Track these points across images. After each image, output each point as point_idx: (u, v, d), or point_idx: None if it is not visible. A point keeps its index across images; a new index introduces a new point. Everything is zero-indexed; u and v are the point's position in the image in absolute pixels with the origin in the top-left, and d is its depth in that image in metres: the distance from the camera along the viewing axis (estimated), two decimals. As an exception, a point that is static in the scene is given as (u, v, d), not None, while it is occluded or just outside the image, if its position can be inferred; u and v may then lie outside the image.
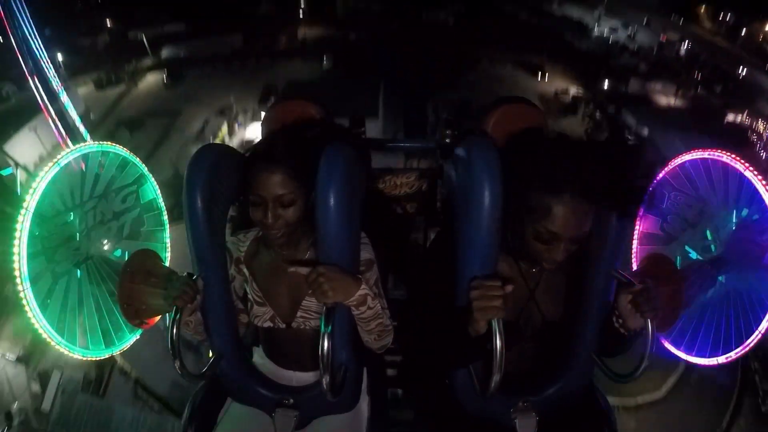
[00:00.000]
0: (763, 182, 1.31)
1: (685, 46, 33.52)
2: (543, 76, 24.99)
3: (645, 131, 23.22)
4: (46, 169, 1.28)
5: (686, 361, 1.51)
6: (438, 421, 1.34)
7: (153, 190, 1.64)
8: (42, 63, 13.01)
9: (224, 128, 23.78)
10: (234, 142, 20.90)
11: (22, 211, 1.23)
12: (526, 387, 1.22)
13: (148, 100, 26.75)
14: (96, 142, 1.43)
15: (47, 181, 1.28)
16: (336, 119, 1.53)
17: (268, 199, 1.12)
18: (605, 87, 29.75)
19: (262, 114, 1.47)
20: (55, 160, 1.30)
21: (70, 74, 22.48)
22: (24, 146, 13.85)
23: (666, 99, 28.82)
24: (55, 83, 13.26)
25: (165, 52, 33.45)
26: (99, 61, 28.82)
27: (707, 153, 1.46)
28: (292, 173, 1.12)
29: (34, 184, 1.25)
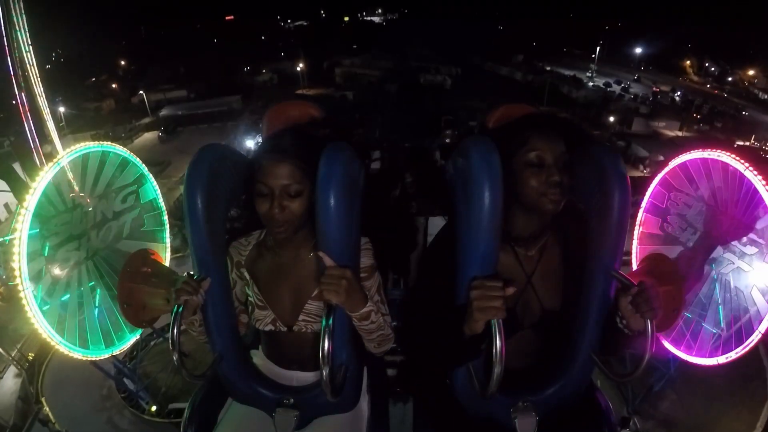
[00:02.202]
0: (763, 182, 1.31)
1: (678, 94, 37.61)
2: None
3: (660, 157, 24.36)
4: (46, 169, 1.28)
5: (686, 361, 1.51)
6: (438, 421, 1.35)
7: (153, 190, 1.64)
8: (43, 112, 13.01)
9: None
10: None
11: (22, 211, 1.23)
12: (526, 387, 1.22)
13: (141, 153, 28.14)
14: (96, 142, 1.43)
15: (47, 181, 1.28)
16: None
17: (275, 188, 1.12)
18: (611, 120, 31.12)
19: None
20: (55, 160, 1.30)
21: (71, 130, 24.70)
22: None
23: (672, 133, 30.81)
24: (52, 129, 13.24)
25: (164, 111, 36.18)
26: (101, 122, 31.51)
27: (707, 153, 1.46)
28: (299, 165, 1.12)
29: (34, 184, 1.25)
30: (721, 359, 1.46)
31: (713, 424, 7.45)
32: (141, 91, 36.81)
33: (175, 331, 1.09)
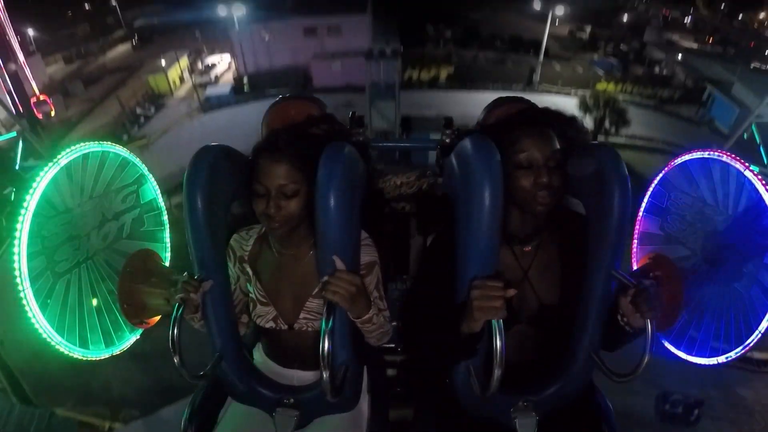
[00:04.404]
0: (763, 182, 1.31)
1: (688, 18, 36.29)
2: (553, 21, 24.52)
3: (678, 56, 24.50)
4: (46, 168, 1.28)
5: (686, 361, 1.51)
6: (438, 421, 1.35)
7: (153, 190, 1.63)
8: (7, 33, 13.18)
9: (183, 60, 24.66)
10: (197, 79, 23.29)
11: (22, 211, 1.23)
12: (526, 387, 1.22)
13: (113, 63, 29.42)
14: (96, 142, 1.42)
15: (47, 180, 1.28)
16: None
17: (271, 188, 1.13)
18: (624, 20, 30.48)
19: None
20: (55, 159, 1.30)
21: (42, 54, 25.04)
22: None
23: (687, 44, 29.98)
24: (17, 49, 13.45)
25: (138, 22, 35.68)
26: (73, 44, 31.35)
27: (707, 153, 1.46)
28: (296, 164, 1.13)
29: (34, 184, 1.25)
30: (721, 359, 1.46)
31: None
32: (113, 2, 35.88)
33: (175, 331, 1.09)
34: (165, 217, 1.69)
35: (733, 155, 1.38)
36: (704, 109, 20.38)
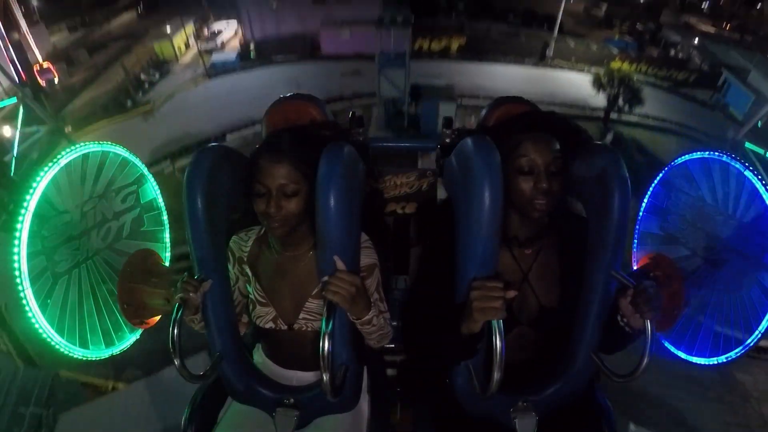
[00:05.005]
0: (763, 182, 1.31)
1: (706, 3, 34.23)
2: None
3: (695, 40, 23.41)
4: (46, 168, 1.28)
5: (686, 361, 1.52)
6: (438, 421, 1.35)
7: (153, 190, 1.64)
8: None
9: (189, 27, 24.33)
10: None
11: (22, 211, 1.23)
12: (526, 387, 1.22)
13: (118, 31, 28.68)
14: (96, 142, 1.43)
15: (47, 180, 1.28)
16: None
17: (272, 188, 1.13)
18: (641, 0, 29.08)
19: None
20: (55, 159, 1.30)
21: (46, 23, 24.36)
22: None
23: (705, 28, 28.68)
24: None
25: None
26: (78, 13, 30.16)
27: (707, 153, 1.46)
28: (296, 164, 1.13)
29: (34, 184, 1.25)
30: (721, 359, 1.47)
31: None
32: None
33: (175, 331, 1.09)
34: (165, 217, 1.69)
35: (734, 155, 1.38)
36: (719, 94, 19.88)
